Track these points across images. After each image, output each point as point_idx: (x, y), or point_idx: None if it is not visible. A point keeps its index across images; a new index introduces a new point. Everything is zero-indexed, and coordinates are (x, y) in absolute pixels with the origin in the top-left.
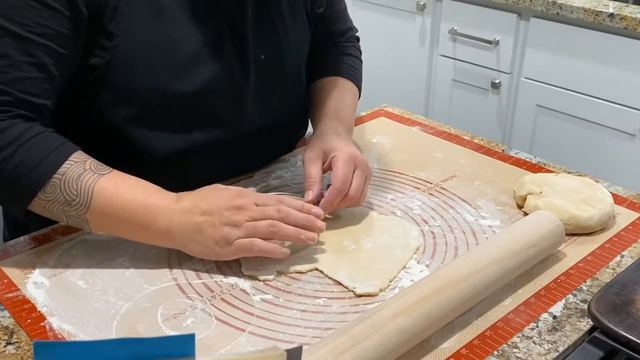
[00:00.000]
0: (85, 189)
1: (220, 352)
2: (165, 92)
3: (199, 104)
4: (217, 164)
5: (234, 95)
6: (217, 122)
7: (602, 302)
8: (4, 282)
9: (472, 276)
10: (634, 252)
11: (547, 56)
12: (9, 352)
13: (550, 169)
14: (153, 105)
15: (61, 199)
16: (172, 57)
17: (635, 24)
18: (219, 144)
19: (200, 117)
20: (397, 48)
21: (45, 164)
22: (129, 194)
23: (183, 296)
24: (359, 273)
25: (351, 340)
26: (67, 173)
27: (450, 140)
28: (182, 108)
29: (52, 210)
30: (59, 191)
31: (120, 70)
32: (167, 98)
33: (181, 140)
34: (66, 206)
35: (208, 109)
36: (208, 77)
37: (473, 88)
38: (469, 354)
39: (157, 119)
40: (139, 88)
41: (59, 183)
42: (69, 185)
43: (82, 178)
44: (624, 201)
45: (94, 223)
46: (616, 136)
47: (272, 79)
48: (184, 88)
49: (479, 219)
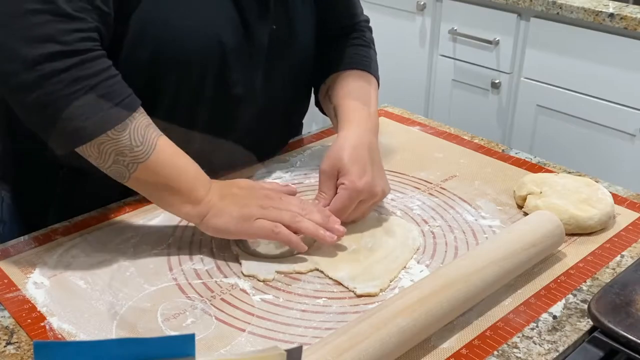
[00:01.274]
0: (150, 140)
1: (220, 352)
2: (181, 40)
3: (213, 61)
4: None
5: (246, 62)
6: (229, 87)
7: (602, 302)
8: (4, 282)
9: (472, 276)
10: (634, 252)
11: (547, 56)
12: (9, 352)
13: (550, 169)
14: (167, 58)
15: (126, 142)
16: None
17: (635, 24)
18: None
19: (212, 78)
20: (397, 48)
21: (126, 103)
22: (184, 160)
23: (183, 296)
24: (359, 273)
25: (351, 340)
26: (138, 119)
27: (450, 140)
28: (195, 64)
29: (105, 151)
30: (127, 134)
31: (147, 20)
32: (182, 48)
33: (190, 102)
34: (126, 150)
35: (220, 68)
36: (230, 30)
37: (473, 88)
38: (469, 354)
39: (170, 76)
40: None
41: (131, 125)
42: (138, 131)
43: (149, 129)
44: (624, 201)
45: (137, 177)
46: (616, 136)
47: (280, 52)
48: (199, 41)
49: (479, 219)
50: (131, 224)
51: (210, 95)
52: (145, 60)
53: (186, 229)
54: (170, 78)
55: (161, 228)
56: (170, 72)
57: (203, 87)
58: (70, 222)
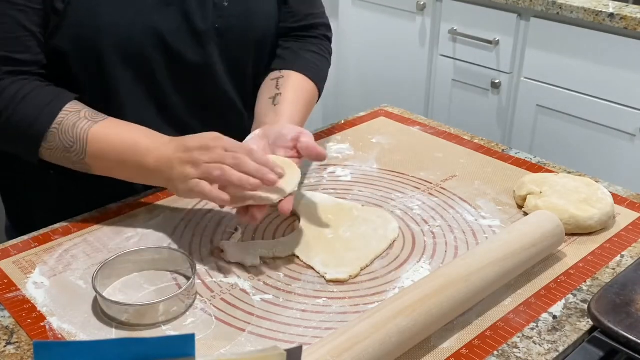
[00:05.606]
0: (80, 136)
1: (220, 352)
2: (126, 31)
3: (161, 44)
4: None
5: (195, 40)
6: (183, 66)
7: (602, 302)
8: (4, 282)
9: (472, 276)
10: (634, 252)
11: (547, 56)
12: (9, 352)
13: (550, 169)
14: (112, 46)
15: (61, 146)
16: None
17: (635, 24)
18: (187, 96)
19: (164, 60)
20: (397, 48)
21: (42, 118)
22: (120, 138)
23: None
24: (332, 260)
25: (351, 340)
26: (63, 122)
27: (450, 140)
28: (144, 48)
29: (57, 158)
30: (58, 140)
31: (80, 10)
32: (127, 37)
33: (146, 85)
34: (67, 153)
35: (171, 50)
36: (167, 15)
37: (473, 88)
38: (469, 354)
39: (119, 60)
40: (99, 27)
41: (57, 132)
42: (66, 133)
43: (77, 126)
44: (624, 201)
45: (95, 167)
46: (616, 136)
47: (236, 30)
48: (143, 25)
49: (479, 219)
50: (131, 224)
51: (166, 73)
52: (71, 48)
53: (186, 229)
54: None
55: (161, 228)
56: (116, 61)
57: (154, 71)
58: (70, 222)
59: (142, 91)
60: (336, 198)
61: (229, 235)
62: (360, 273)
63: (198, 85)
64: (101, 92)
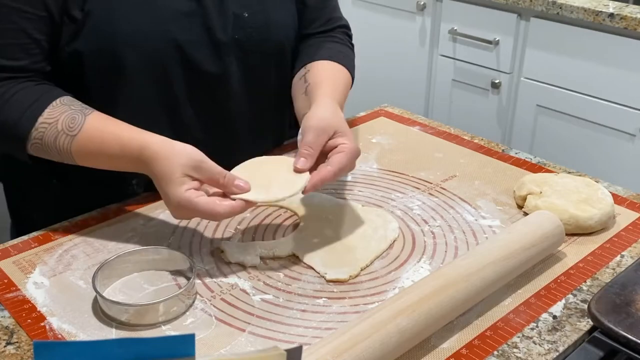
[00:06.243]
0: (64, 151)
1: (220, 352)
2: (144, 40)
3: (179, 54)
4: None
5: (214, 51)
6: (200, 76)
7: (602, 302)
8: (4, 282)
9: (472, 276)
10: (634, 252)
11: (547, 56)
12: (9, 352)
13: (550, 169)
14: (132, 54)
15: (48, 149)
16: (150, 5)
17: (635, 24)
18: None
19: (181, 70)
20: (397, 48)
21: (23, 122)
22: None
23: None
24: (332, 260)
25: (351, 340)
26: (44, 138)
27: (450, 140)
28: (163, 57)
29: (50, 155)
30: (42, 153)
31: (100, 18)
32: (147, 47)
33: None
34: (58, 155)
35: (189, 60)
36: (186, 25)
37: (473, 88)
38: (469, 354)
39: (136, 68)
40: (117, 35)
41: (41, 147)
42: (50, 148)
43: (58, 141)
44: (624, 201)
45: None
46: (616, 136)
47: (255, 41)
48: (163, 35)
49: (479, 219)
50: (131, 224)
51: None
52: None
53: (186, 229)
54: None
55: (161, 228)
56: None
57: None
58: (70, 222)
59: (155, 99)
60: (336, 198)
61: (229, 235)
62: (360, 273)
63: (212, 95)
64: (113, 99)
